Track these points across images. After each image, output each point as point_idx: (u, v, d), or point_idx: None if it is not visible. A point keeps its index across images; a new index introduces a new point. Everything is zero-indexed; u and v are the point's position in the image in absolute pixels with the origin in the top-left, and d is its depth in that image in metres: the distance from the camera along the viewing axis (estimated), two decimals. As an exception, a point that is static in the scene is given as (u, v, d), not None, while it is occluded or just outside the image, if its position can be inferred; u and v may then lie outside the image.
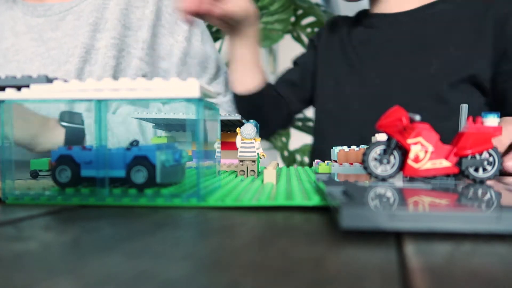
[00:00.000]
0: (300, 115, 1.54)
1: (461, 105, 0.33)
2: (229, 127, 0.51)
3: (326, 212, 0.24)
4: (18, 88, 0.27)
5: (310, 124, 1.52)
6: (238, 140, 0.40)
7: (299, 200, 0.25)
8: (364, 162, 0.29)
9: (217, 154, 0.36)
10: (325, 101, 0.75)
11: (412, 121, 0.28)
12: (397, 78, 0.65)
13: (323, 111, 0.76)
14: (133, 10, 0.71)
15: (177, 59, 0.73)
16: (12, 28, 0.73)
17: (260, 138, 0.41)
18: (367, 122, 0.49)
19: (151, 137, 0.57)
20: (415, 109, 0.33)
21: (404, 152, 0.29)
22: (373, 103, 0.66)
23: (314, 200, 0.25)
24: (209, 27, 1.08)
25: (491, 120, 0.29)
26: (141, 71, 0.70)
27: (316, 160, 0.47)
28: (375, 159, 0.29)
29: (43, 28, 0.71)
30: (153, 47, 0.72)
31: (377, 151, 0.29)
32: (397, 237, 0.19)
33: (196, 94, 0.25)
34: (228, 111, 0.77)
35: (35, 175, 0.38)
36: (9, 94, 0.26)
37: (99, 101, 0.26)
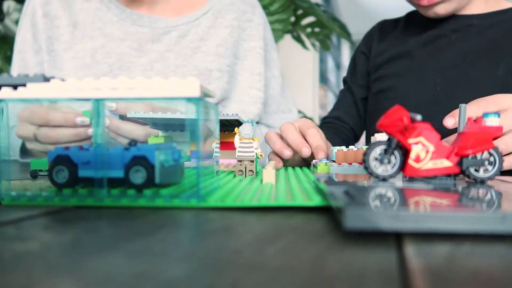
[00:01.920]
0: (299, 115, 1.55)
1: (460, 105, 0.33)
2: (227, 127, 0.51)
3: (326, 212, 0.24)
4: (15, 87, 0.27)
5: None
6: (237, 140, 0.40)
7: (300, 200, 0.25)
8: (364, 162, 0.29)
9: (215, 154, 0.36)
10: (380, 99, 0.75)
11: (413, 120, 0.28)
12: (461, 78, 0.66)
13: (377, 110, 0.76)
14: (241, 43, 0.78)
15: (276, 92, 0.83)
16: (101, 29, 0.72)
17: (258, 138, 0.41)
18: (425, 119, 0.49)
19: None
20: None
21: (404, 152, 0.29)
22: (433, 102, 0.67)
23: (315, 201, 0.25)
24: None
25: (492, 120, 0.29)
26: (260, 99, 0.78)
27: (314, 160, 0.47)
28: (376, 159, 0.29)
29: (143, 38, 0.72)
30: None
31: (377, 151, 0.29)
32: (397, 238, 0.19)
33: (196, 93, 0.24)
34: None
35: (35, 175, 0.37)
36: (5, 93, 0.26)
37: (97, 100, 0.26)
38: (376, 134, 0.37)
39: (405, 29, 0.76)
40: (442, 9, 0.65)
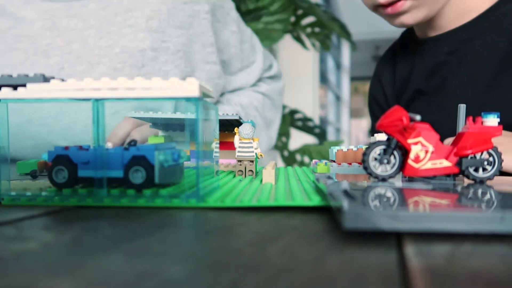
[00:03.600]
0: (299, 115, 1.55)
1: (459, 105, 0.33)
2: (227, 127, 0.51)
3: (326, 212, 0.24)
4: (14, 87, 0.27)
5: (310, 124, 1.53)
6: (236, 140, 0.40)
7: (299, 200, 0.25)
8: (364, 162, 0.29)
9: (215, 154, 0.36)
10: None
11: (412, 121, 0.28)
12: (476, 101, 0.58)
13: None
14: (182, 8, 0.65)
15: (236, 49, 0.73)
16: (5, 9, 0.62)
17: (258, 138, 0.41)
18: None
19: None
20: None
21: (404, 152, 0.29)
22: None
23: (315, 201, 0.25)
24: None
25: (491, 120, 0.29)
26: (217, 73, 0.69)
27: (314, 160, 0.47)
28: (375, 159, 0.29)
29: (57, 15, 0.62)
30: (217, 46, 0.70)
31: (377, 151, 0.29)
32: (397, 237, 0.19)
33: (195, 93, 0.25)
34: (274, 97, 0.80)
35: (35, 175, 0.37)
36: (5, 93, 0.26)
37: (96, 101, 0.26)
38: (376, 134, 0.37)
39: (404, 59, 0.70)
40: (409, 19, 0.59)
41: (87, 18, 0.62)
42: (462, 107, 0.34)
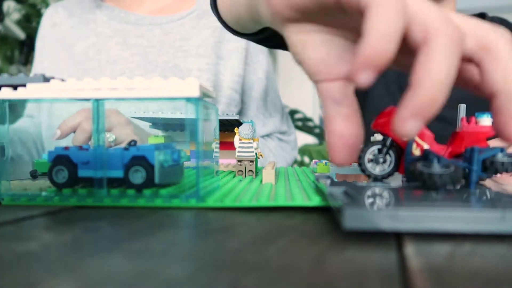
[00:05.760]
0: (299, 115, 1.55)
1: (459, 105, 0.33)
2: (227, 127, 0.51)
3: (326, 212, 0.24)
4: (15, 87, 0.27)
5: (310, 124, 1.53)
6: (236, 140, 0.40)
7: (299, 200, 0.25)
8: (360, 164, 0.29)
9: (215, 154, 0.36)
10: None
11: None
12: None
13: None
14: (224, 43, 0.79)
15: (258, 95, 0.82)
16: (93, 29, 0.80)
17: (258, 138, 0.41)
18: None
19: None
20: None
21: (399, 151, 0.29)
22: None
23: (315, 201, 0.25)
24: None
25: (485, 120, 0.29)
26: (234, 101, 0.79)
27: (314, 160, 0.47)
28: (371, 160, 0.29)
29: (128, 34, 0.79)
30: (243, 81, 0.81)
31: (372, 151, 0.29)
32: (397, 237, 0.19)
33: (195, 93, 0.24)
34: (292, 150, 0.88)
35: (35, 175, 0.37)
36: (5, 93, 0.26)
37: (96, 101, 0.26)
38: (376, 134, 0.37)
39: None
40: None
41: (151, 39, 0.78)
42: (462, 107, 0.33)
